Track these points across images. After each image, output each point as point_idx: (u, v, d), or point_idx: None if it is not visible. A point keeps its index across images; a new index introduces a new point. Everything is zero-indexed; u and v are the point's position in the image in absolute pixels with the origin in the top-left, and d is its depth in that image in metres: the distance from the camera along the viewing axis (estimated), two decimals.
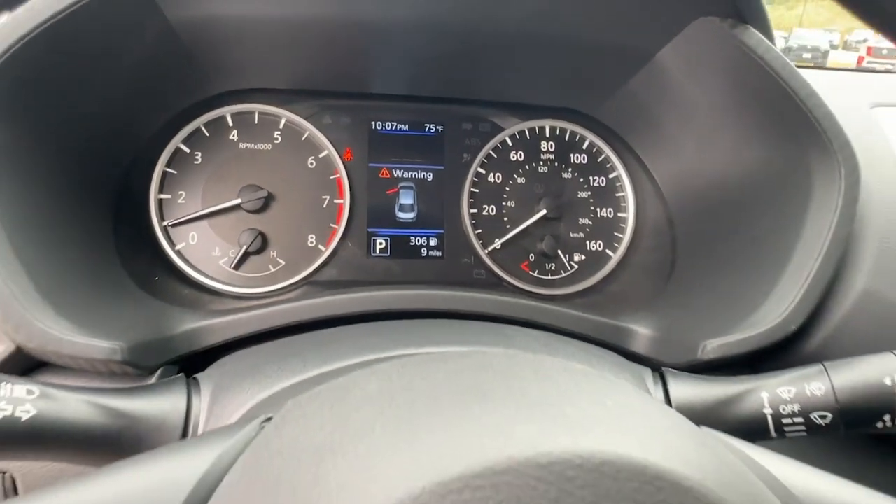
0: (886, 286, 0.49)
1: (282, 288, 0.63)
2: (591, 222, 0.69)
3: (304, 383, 0.39)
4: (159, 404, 0.38)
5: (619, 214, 0.70)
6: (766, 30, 0.48)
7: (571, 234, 0.69)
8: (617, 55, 0.56)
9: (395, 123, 0.68)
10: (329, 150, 0.65)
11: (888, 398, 0.40)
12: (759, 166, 0.54)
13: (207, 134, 0.64)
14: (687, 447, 0.22)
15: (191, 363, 0.49)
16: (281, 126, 0.65)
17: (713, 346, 0.49)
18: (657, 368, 0.47)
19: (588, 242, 0.69)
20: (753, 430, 0.42)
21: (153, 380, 0.45)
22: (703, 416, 0.43)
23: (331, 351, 0.44)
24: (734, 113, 0.54)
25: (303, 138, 0.65)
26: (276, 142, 0.65)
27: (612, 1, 0.49)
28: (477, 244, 0.67)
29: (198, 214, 0.62)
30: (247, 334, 0.52)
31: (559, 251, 0.68)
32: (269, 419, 0.27)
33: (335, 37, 0.55)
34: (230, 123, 0.64)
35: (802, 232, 0.50)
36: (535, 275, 0.68)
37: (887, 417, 0.40)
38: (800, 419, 0.41)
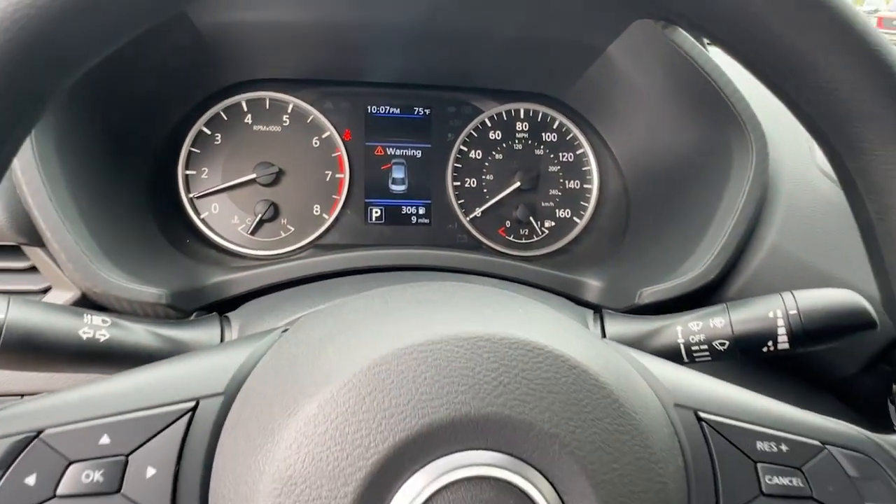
0: (791, 242, 0.59)
1: (292, 251, 0.74)
2: (560, 193, 0.79)
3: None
4: (200, 334, 0.50)
5: (585, 186, 0.80)
6: None
7: (543, 204, 0.79)
8: (575, 49, 0.66)
9: (388, 107, 0.78)
10: (331, 131, 0.75)
11: (771, 328, 0.50)
12: (693, 143, 0.64)
13: (226, 118, 0.74)
14: (570, 336, 0.32)
15: (220, 309, 0.60)
16: (289, 111, 0.75)
17: (647, 293, 0.59)
18: (598, 311, 0.57)
19: (557, 210, 0.79)
20: (669, 356, 0.52)
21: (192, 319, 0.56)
22: (629, 345, 0.53)
23: (333, 294, 0.55)
24: (672, 100, 0.64)
25: (308, 121, 0.75)
26: (284, 124, 0.75)
27: (565, 4, 0.59)
28: (460, 212, 0.77)
29: (219, 188, 0.73)
30: (265, 285, 0.63)
31: (531, 218, 0.78)
32: (287, 329, 0.37)
33: (336, 36, 0.65)
34: (245, 109, 0.74)
35: (723, 196, 0.60)
36: (511, 239, 0.78)
37: (770, 343, 0.50)
38: (705, 346, 0.52)
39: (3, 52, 0.23)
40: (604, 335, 0.54)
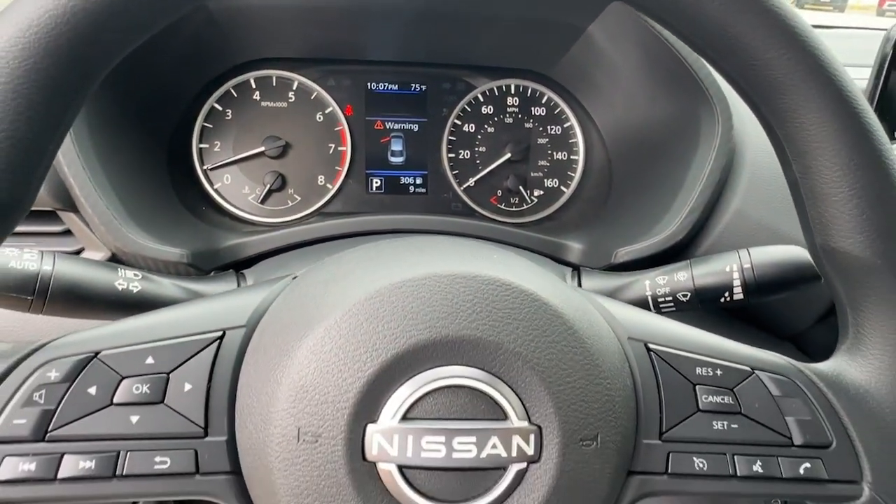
0: (753, 206, 0.64)
1: (299, 218, 0.80)
2: (548, 164, 0.85)
3: None
4: (219, 286, 0.56)
5: (572, 157, 0.85)
6: None
7: (532, 174, 0.85)
8: (559, 29, 0.71)
9: (386, 84, 0.83)
10: (334, 106, 0.81)
11: (727, 281, 0.56)
12: (666, 116, 0.69)
13: (235, 95, 0.79)
14: (536, 277, 0.38)
15: (235, 269, 0.66)
16: (294, 88, 0.80)
17: (622, 253, 0.65)
18: (577, 268, 0.63)
19: (546, 180, 0.85)
20: (638, 306, 0.58)
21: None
22: None
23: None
24: (647, 76, 0.69)
25: (312, 97, 0.81)
26: (290, 101, 0.80)
27: None
28: (454, 182, 0.83)
29: (230, 160, 0.79)
30: (275, 248, 0.69)
31: (521, 188, 0.84)
32: (296, 276, 0.43)
33: (339, 17, 0.70)
34: (253, 86, 0.80)
35: (692, 164, 0.65)
36: (502, 207, 0.84)
37: (727, 294, 0.56)
38: (669, 298, 0.58)
39: (77, 22, 0.29)
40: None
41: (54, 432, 0.34)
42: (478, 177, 0.83)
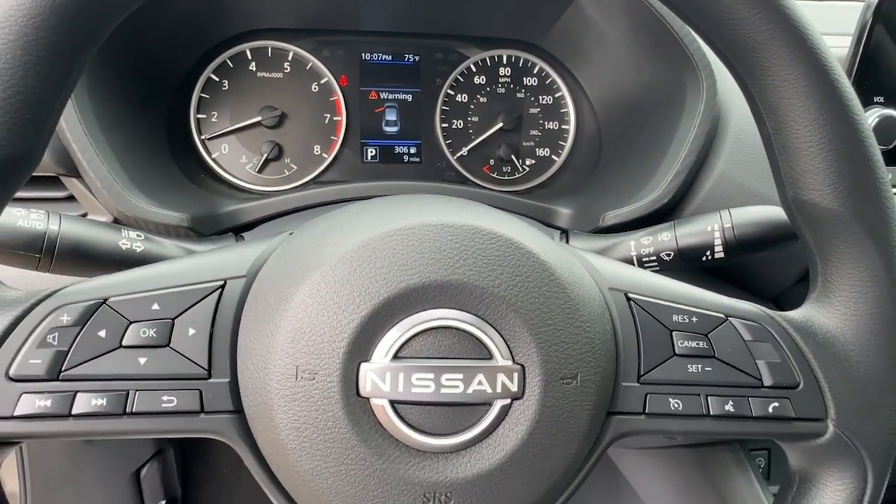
0: (737, 170, 0.66)
1: (295, 186, 0.82)
2: (540, 133, 0.87)
3: None
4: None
5: (563, 126, 0.87)
6: None
7: (524, 143, 0.86)
8: None
9: (380, 55, 0.84)
10: (328, 77, 0.82)
11: (709, 240, 0.58)
12: (653, 83, 0.71)
13: (232, 66, 0.81)
14: (521, 228, 0.40)
15: (235, 233, 0.68)
16: (289, 58, 0.82)
17: (610, 216, 0.67)
18: (565, 231, 0.66)
19: (537, 149, 0.87)
20: None
21: None
22: None
23: None
24: (634, 43, 0.70)
25: (307, 68, 0.82)
26: (286, 71, 0.82)
27: None
28: (447, 151, 0.85)
29: (227, 130, 0.80)
30: (273, 213, 0.71)
31: (513, 157, 0.86)
32: (293, 232, 0.45)
33: None
34: (249, 57, 0.81)
35: (678, 130, 0.67)
36: (495, 175, 0.86)
37: (708, 253, 0.59)
38: (654, 257, 0.60)
39: None
40: None
41: (67, 371, 0.36)
42: (471, 146, 0.85)
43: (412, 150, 0.85)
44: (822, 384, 0.42)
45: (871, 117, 0.63)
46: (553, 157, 0.87)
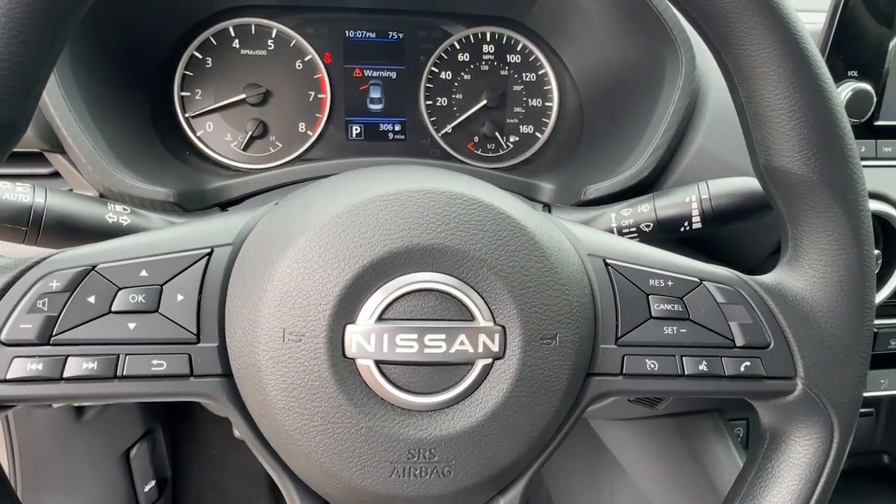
0: (715, 144, 0.68)
1: (280, 164, 0.82)
2: (523, 110, 0.87)
3: None
4: None
5: (546, 104, 0.88)
6: None
7: (508, 120, 0.87)
8: None
9: (364, 32, 0.85)
10: (312, 54, 0.82)
11: (687, 211, 0.60)
12: (634, 58, 0.72)
13: (215, 43, 0.80)
14: (502, 196, 0.42)
15: (220, 208, 0.69)
16: (273, 35, 0.82)
17: (591, 190, 0.69)
18: (547, 205, 0.67)
19: (521, 126, 0.87)
20: None
21: None
22: None
23: None
24: (615, 19, 0.71)
25: (291, 45, 0.82)
26: (270, 48, 0.82)
27: None
28: (432, 129, 0.85)
29: (211, 108, 0.80)
30: (259, 189, 0.71)
31: (497, 134, 0.86)
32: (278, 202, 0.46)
33: None
34: (233, 34, 0.81)
35: (658, 104, 0.68)
36: (479, 153, 0.87)
37: (686, 223, 0.60)
38: (633, 229, 0.61)
39: None
40: None
41: (58, 336, 0.37)
42: (455, 123, 0.86)
43: (397, 128, 0.86)
44: (791, 344, 0.43)
45: (844, 91, 0.65)
46: (537, 133, 0.88)
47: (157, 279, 0.39)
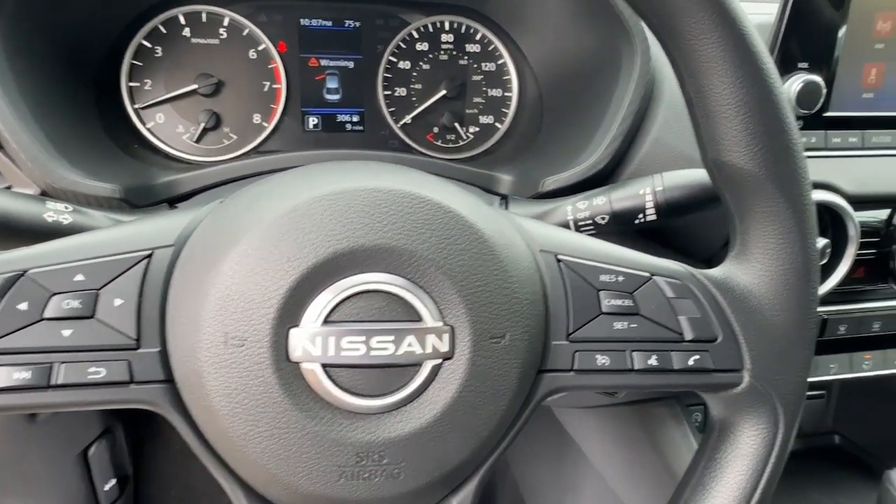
0: (670, 135, 0.68)
1: (235, 156, 0.80)
2: (483, 100, 0.87)
3: None
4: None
5: (506, 94, 0.87)
6: None
7: (467, 111, 0.86)
8: None
9: (320, 20, 0.83)
10: (266, 43, 0.80)
11: (641, 203, 0.60)
12: (591, 49, 0.72)
13: (165, 31, 0.78)
14: (453, 193, 0.41)
15: (169, 204, 0.67)
16: (225, 24, 0.79)
17: (549, 181, 0.68)
18: (505, 197, 0.66)
19: (481, 117, 0.87)
20: None
21: None
22: None
23: None
24: (573, 11, 0.71)
25: (244, 34, 0.80)
26: (222, 37, 0.79)
27: None
28: (391, 119, 0.84)
29: (161, 99, 0.78)
30: (211, 184, 0.69)
31: (457, 124, 0.86)
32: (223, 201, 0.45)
33: None
34: (183, 22, 0.78)
35: (614, 96, 0.68)
36: (439, 144, 0.86)
37: (641, 215, 0.60)
38: (589, 221, 0.61)
39: None
40: None
41: None
42: (414, 114, 0.85)
43: (355, 119, 0.84)
44: (738, 337, 0.44)
45: (795, 82, 0.65)
46: (497, 124, 0.87)
47: (93, 283, 0.37)
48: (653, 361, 0.43)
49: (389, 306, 0.37)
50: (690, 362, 0.43)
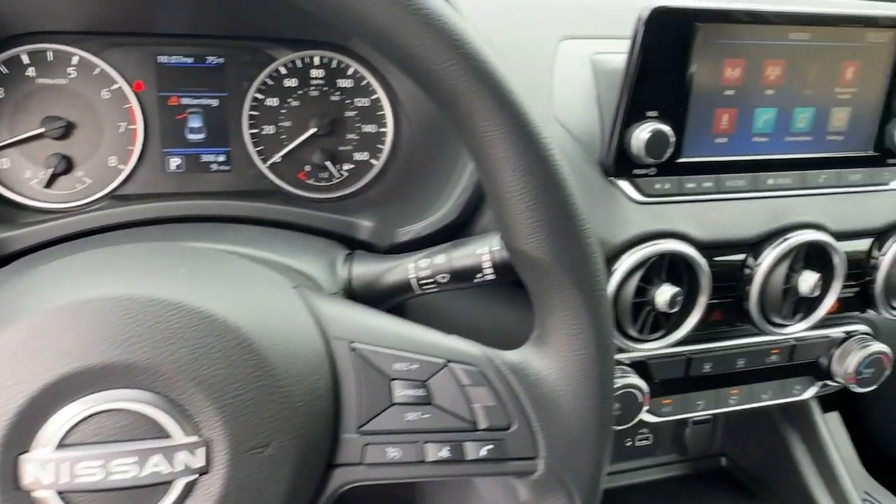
0: None
1: (90, 202, 0.77)
2: (357, 137, 0.85)
3: None
4: None
5: (381, 129, 0.85)
6: None
7: (340, 148, 0.84)
8: None
9: (180, 57, 0.79)
10: (120, 82, 0.77)
11: (479, 263, 0.59)
12: None
13: (7, 71, 0.74)
14: (218, 292, 0.39)
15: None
16: (74, 63, 0.75)
17: (402, 232, 0.67)
18: (351, 253, 0.65)
19: (355, 154, 0.85)
20: (403, 289, 0.61)
21: None
22: (371, 283, 0.61)
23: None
24: None
25: (95, 73, 0.76)
26: (71, 77, 0.76)
27: None
28: (258, 159, 0.82)
29: (5, 143, 0.74)
30: (50, 240, 0.66)
31: (328, 163, 0.84)
32: None
33: None
34: (26, 61, 0.74)
35: None
36: (311, 182, 0.84)
37: (479, 276, 0.59)
38: (431, 280, 0.60)
39: None
40: (349, 277, 0.61)
41: None
42: (283, 152, 0.82)
43: (220, 158, 0.81)
44: (533, 424, 0.43)
45: (643, 131, 0.65)
46: (372, 160, 0.85)
47: None
48: (444, 452, 0.42)
49: (132, 425, 0.35)
50: (483, 452, 0.43)
